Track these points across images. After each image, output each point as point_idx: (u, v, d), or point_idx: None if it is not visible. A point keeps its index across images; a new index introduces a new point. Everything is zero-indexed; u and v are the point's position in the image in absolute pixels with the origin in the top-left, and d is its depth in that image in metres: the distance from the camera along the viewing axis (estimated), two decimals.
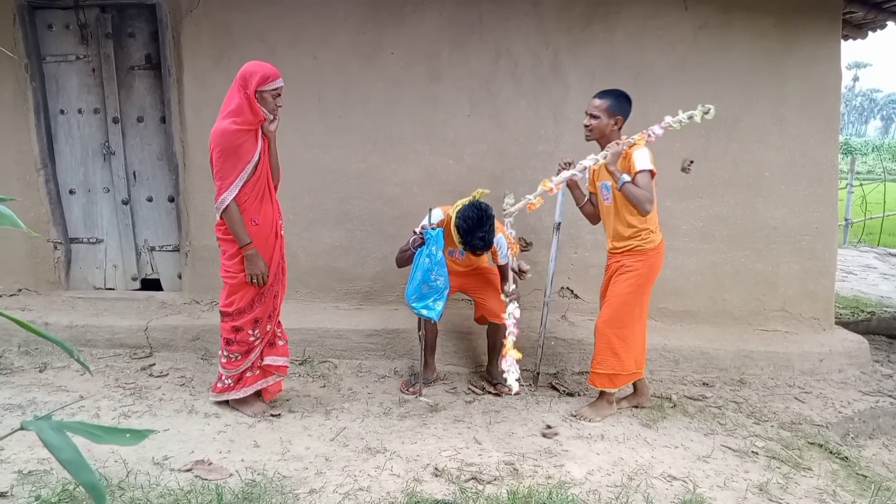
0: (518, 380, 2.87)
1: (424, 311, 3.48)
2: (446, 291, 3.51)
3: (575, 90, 4.33)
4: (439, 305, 3.47)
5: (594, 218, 3.65)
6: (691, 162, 3.30)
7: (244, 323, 3.22)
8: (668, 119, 3.17)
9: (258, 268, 3.15)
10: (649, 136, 3.18)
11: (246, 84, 2.99)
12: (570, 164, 3.37)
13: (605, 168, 3.24)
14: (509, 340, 3.03)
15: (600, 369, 3.44)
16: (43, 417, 0.88)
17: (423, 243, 3.44)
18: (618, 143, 3.16)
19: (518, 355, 2.94)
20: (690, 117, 3.16)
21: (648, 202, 3.14)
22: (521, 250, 3.42)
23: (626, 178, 3.14)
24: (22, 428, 0.85)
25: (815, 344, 4.35)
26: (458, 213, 3.35)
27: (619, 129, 3.31)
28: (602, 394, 3.50)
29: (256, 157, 3.08)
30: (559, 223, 3.70)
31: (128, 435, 0.93)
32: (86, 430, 0.89)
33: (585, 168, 3.24)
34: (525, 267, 3.36)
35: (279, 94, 3.10)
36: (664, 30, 4.28)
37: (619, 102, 3.29)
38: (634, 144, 3.20)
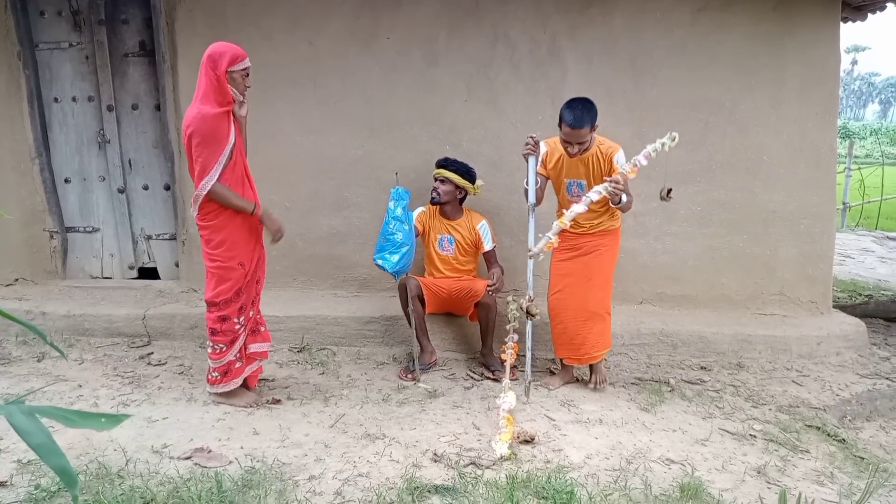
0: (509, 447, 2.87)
1: (379, 262, 3.59)
2: (404, 248, 3.59)
3: (573, 74, 4.31)
4: (394, 258, 3.57)
5: (538, 195, 3.52)
6: (670, 190, 3.32)
7: (230, 312, 3.20)
8: (649, 148, 3.19)
9: (276, 222, 3.23)
10: (637, 165, 3.18)
11: (216, 65, 2.93)
12: (536, 144, 3.28)
13: (575, 166, 3.37)
14: (501, 423, 3.01)
15: (606, 349, 3.66)
16: (13, 401, 0.85)
17: None
18: (617, 183, 3.10)
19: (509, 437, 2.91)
20: (663, 145, 3.21)
21: (631, 205, 3.37)
22: (529, 315, 3.45)
23: (625, 199, 3.22)
24: None
25: (813, 327, 4.36)
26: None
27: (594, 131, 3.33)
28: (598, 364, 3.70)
29: (232, 141, 3.03)
30: (533, 204, 3.52)
31: (103, 419, 0.90)
32: (59, 415, 0.86)
33: (591, 201, 3.20)
34: (535, 310, 3.39)
35: (248, 75, 3.05)
36: (663, 13, 4.24)
37: (594, 115, 3.23)
38: (620, 173, 3.18)
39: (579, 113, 3.19)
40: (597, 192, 3.14)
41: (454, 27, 4.30)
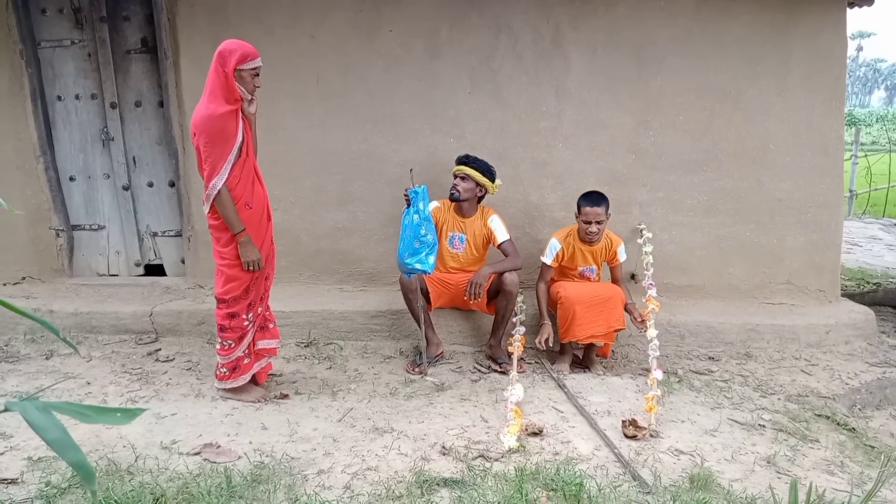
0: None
1: (419, 266, 3.57)
2: (436, 247, 3.66)
3: (576, 65, 4.28)
4: (431, 259, 3.60)
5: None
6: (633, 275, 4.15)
7: (239, 309, 3.20)
8: (648, 275, 4.03)
9: (253, 254, 3.11)
10: (654, 296, 3.92)
11: (224, 62, 2.90)
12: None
13: (587, 256, 3.90)
14: (509, 415, 3.01)
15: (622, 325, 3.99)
16: (28, 398, 0.84)
17: (409, 204, 3.60)
18: (646, 323, 3.79)
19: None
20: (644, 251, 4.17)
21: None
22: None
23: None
24: (6, 409, 0.82)
25: (822, 316, 4.33)
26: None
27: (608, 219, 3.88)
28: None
29: (240, 138, 3.01)
30: None
31: (118, 414, 0.89)
32: (74, 410, 0.85)
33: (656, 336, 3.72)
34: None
35: (257, 74, 3.02)
36: (666, 1, 4.21)
37: (607, 202, 3.80)
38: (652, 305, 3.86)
39: (595, 196, 3.79)
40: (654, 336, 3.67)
41: (456, 19, 4.27)
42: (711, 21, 4.22)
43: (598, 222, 3.76)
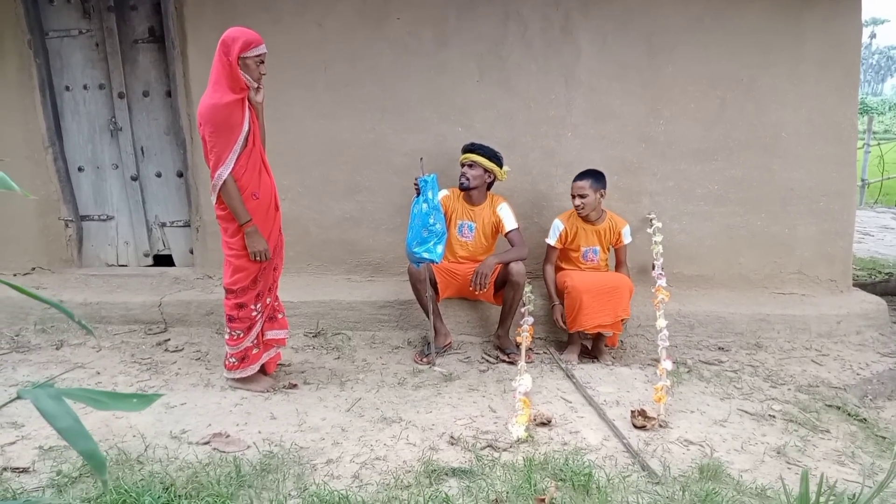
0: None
1: (426, 255, 3.56)
2: (445, 237, 3.66)
3: (587, 53, 4.23)
4: (439, 248, 3.60)
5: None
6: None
7: (248, 299, 3.20)
8: (657, 266, 4.03)
9: (260, 244, 3.10)
10: (662, 285, 3.91)
11: (228, 51, 2.88)
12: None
13: (590, 236, 3.93)
14: (518, 405, 2.99)
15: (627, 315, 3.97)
16: (40, 385, 0.83)
17: (419, 193, 3.61)
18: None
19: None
20: (654, 240, 4.14)
21: None
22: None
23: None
24: (19, 397, 0.82)
25: (833, 306, 4.30)
26: None
27: (603, 198, 3.88)
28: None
29: (247, 128, 2.99)
30: None
31: (134, 400, 0.88)
32: (88, 397, 0.84)
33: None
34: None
35: (262, 62, 2.99)
36: None
37: (598, 178, 3.83)
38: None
39: (583, 172, 3.86)
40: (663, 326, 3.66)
41: (465, 6, 4.23)
42: (724, 8, 4.17)
43: (582, 196, 3.79)
